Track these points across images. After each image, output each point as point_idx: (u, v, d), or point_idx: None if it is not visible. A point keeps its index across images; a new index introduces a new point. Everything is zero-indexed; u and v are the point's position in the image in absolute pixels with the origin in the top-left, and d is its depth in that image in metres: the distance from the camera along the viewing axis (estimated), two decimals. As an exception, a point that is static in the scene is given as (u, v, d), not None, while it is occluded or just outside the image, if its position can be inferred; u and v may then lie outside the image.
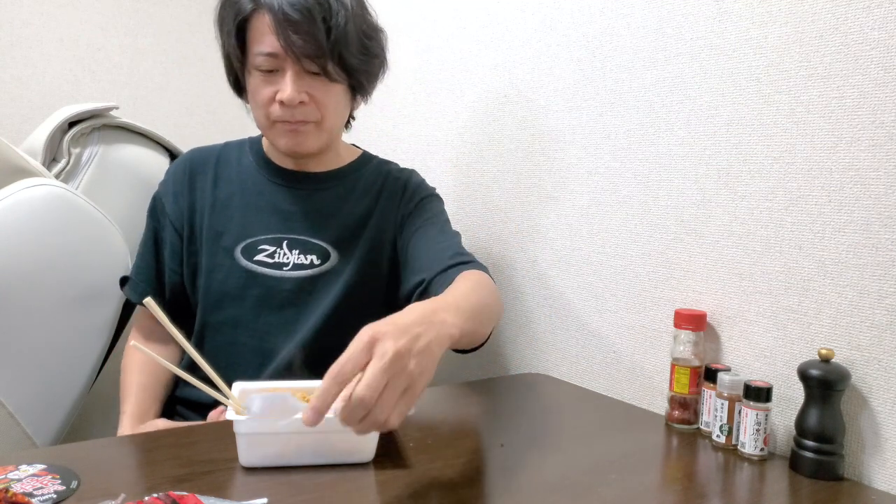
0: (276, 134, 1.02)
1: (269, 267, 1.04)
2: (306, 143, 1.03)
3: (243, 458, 0.74)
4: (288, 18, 0.93)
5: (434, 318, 0.69)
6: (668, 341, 1.01)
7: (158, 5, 2.02)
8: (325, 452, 0.75)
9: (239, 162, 1.11)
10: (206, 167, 1.11)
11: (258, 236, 1.05)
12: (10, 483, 0.66)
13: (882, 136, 0.80)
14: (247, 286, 1.04)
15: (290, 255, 1.05)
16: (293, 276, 1.04)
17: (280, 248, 1.05)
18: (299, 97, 0.97)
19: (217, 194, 1.08)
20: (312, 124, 1.01)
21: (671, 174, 1.02)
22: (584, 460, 0.82)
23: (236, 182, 1.09)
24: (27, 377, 1.07)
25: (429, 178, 1.45)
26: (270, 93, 0.99)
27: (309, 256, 1.05)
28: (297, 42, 0.94)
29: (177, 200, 1.10)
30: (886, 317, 0.80)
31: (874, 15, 0.80)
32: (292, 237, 1.05)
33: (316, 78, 0.99)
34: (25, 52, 1.83)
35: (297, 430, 0.75)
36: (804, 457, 0.81)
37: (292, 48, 0.95)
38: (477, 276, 0.93)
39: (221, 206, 1.08)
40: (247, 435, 0.74)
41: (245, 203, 1.07)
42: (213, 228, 1.07)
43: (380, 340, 0.62)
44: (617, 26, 1.09)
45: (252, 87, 1.01)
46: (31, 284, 1.05)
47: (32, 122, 1.65)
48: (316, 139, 1.03)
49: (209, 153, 1.13)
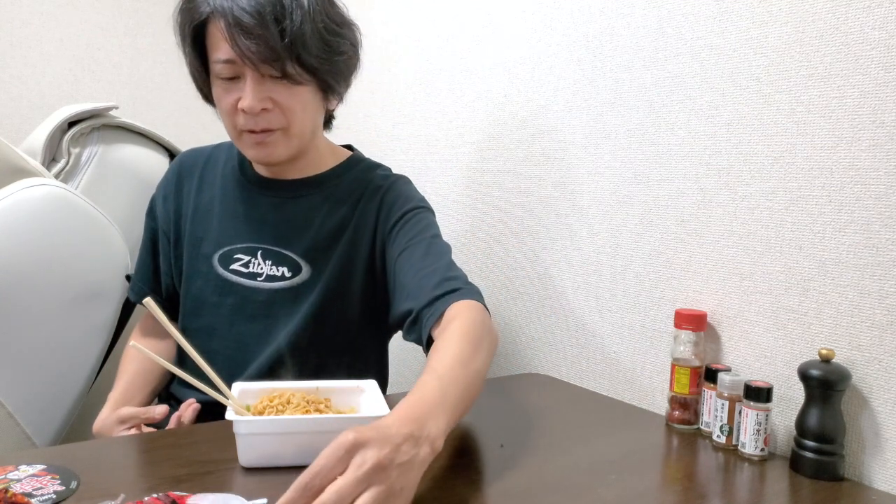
0: (243, 144, 0.99)
1: (243, 277, 1.02)
2: (275, 152, 0.98)
3: (243, 458, 0.74)
4: (239, 23, 0.88)
5: (421, 432, 0.63)
6: (668, 341, 1.01)
7: (158, 5, 2.02)
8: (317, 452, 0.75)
9: (224, 165, 1.10)
10: (194, 170, 1.10)
11: (234, 244, 1.03)
12: (10, 483, 0.66)
13: (882, 136, 0.80)
14: (222, 294, 1.02)
15: (264, 266, 1.02)
16: (266, 288, 1.01)
17: (255, 258, 1.02)
18: (261, 104, 0.92)
19: (200, 199, 1.07)
20: (279, 132, 0.96)
21: (671, 174, 1.02)
22: (584, 460, 0.82)
23: (218, 187, 1.07)
24: (27, 377, 1.07)
25: (429, 178, 1.45)
26: (233, 101, 0.94)
27: (280, 268, 1.02)
28: (251, 47, 0.89)
29: (165, 203, 1.10)
30: (887, 317, 0.79)
31: (874, 15, 0.80)
32: (265, 247, 1.02)
33: (278, 82, 0.93)
34: (25, 52, 1.83)
35: (297, 430, 0.75)
36: (804, 457, 0.80)
37: (246, 53, 0.89)
38: (467, 316, 0.83)
39: (203, 211, 1.06)
40: (246, 435, 0.74)
41: (224, 210, 1.05)
42: (194, 234, 1.06)
43: (361, 448, 0.57)
44: (617, 26, 1.09)
45: (216, 96, 0.97)
46: (31, 284, 1.05)
47: (32, 122, 1.65)
48: (285, 147, 0.98)
49: (199, 155, 1.13)
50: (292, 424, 0.76)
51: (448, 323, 0.83)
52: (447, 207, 1.40)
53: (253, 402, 0.81)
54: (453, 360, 0.76)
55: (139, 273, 1.13)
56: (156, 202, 1.12)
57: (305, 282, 1.01)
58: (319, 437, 0.75)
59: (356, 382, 0.86)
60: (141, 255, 1.13)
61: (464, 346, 0.78)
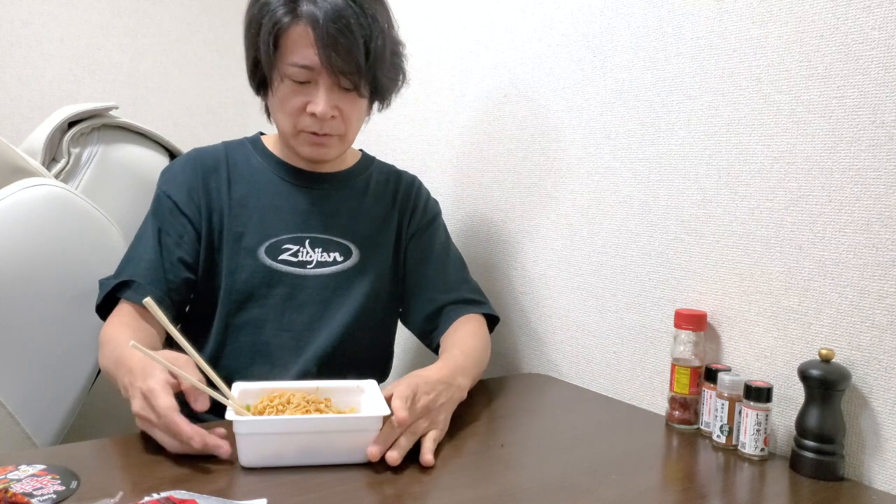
0: (300, 142, 1.04)
1: (293, 266, 1.05)
2: (329, 153, 1.06)
3: (243, 458, 0.74)
4: (330, 35, 0.94)
5: (454, 382, 0.90)
6: (668, 341, 1.01)
7: (158, 5, 2.02)
8: (326, 452, 0.75)
9: (248, 163, 1.11)
10: (218, 168, 1.09)
11: (280, 235, 1.06)
12: (10, 483, 0.66)
13: (882, 136, 0.80)
14: (271, 285, 1.05)
15: (314, 254, 1.07)
16: (317, 274, 1.06)
17: (303, 247, 1.06)
18: (331, 112, 0.99)
19: (232, 195, 1.08)
20: (336, 137, 1.04)
21: (671, 174, 1.02)
22: (584, 460, 0.82)
23: (249, 183, 1.09)
24: (27, 377, 1.07)
25: (429, 178, 1.45)
26: (300, 103, 1.00)
27: (332, 254, 1.07)
28: (338, 60, 0.96)
29: (192, 199, 1.06)
30: (887, 317, 0.80)
31: (874, 15, 0.80)
32: (314, 236, 1.07)
33: (346, 93, 1.00)
34: (25, 52, 1.83)
35: (298, 431, 0.75)
36: (804, 457, 0.80)
37: (332, 65, 0.96)
38: (478, 327, 1.09)
39: (238, 207, 1.07)
40: (247, 435, 0.74)
41: (262, 204, 1.08)
42: (232, 230, 1.06)
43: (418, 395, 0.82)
44: (617, 26, 1.09)
45: (281, 95, 1.01)
46: (31, 284, 1.05)
47: (32, 122, 1.66)
48: (337, 150, 1.07)
49: (216, 154, 1.11)
50: (293, 424, 0.76)
51: (465, 323, 1.08)
52: (447, 207, 1.40)
53: (253, 402, 0.81)
54: (471, 346, 1.02)
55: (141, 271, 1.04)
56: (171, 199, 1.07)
57: (357, 264, 1.09)
58: (320, 437, 0.75)
59: (356, 382, 0.87)
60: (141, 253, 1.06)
61: (476, 342, 1.05)
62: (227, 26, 2.14)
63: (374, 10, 0.99)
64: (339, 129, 1.03)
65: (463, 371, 0.94)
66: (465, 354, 0.99)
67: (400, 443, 0.77)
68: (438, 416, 0.84)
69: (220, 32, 2.13)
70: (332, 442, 0.76)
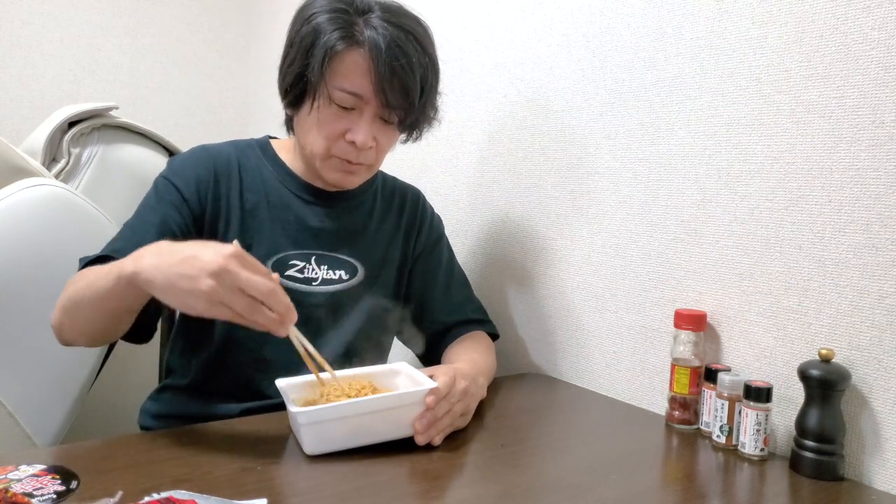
0: (329, 166, 1.01)
1: (298, 282, 1.03)
2: (355, 181, 1.04)
3: (309, 447, 0.77)
4: (390, 69, 0.92)
5: (478, 381, 0.94)
6: (668, 341, 1.01)
7: (158, 5, 2.02)
8: (380, 429, 0.80)
9: (259, 171, 1.07)
10: (230, 169, 1.05)
11: (288, 251, 1.04)
12: (10, 483, 0.66)
13: (882, 136, 0.80)
14: None
15: (319, 271, 1.04)
16: (322, 291, 1.04)
17: (309, 264, 1.04)
18: (370, 143, 0.98)
19: (244, 203, 1.04)
20: (366, 166, 1.02)
21: (671, 174, 1.02)
22: (584, 460, 0.82)
23: (261, 192, 1.05)
24: (27, 377, 1.07)
25: (428, 178, 1.46)
26: (341, 129, 0.97)
27: (337, 272, 1.06)
28: (392, 95, 0.94)
29: (199, 195, 1.02)
30: (886, 317, 0.80)
31: (874, 15, 0.80)
32: (320, 253, 1.05)
33: (386, 125, 0.99)
34: (25, 52, 1.83)
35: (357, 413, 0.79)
36: (804, 457, 0.80)
37: (385, 99, 0.94)
38: (487, 347, 1.12)
39: (249, 216, 1.04)
40: (310, 425, 0.77)
41: (272, 217, 1.05)
42: (241, 240, 0.98)
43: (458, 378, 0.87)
44: (617, 26, 1.09)
45: (322, 117, 0.97)
46: (31, 284, 1.05)
47: (32, 122, 1.66)
48: (363, 178, 1.05)
49: (226, 154, 1.07)
50: (355, 407, 0.79)
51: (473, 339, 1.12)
52: (447, 207, 1.40)
53: (303, 394, 0.85)
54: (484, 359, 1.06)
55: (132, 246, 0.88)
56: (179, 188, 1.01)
57: (362, 282, 1.07)
58: (376, 417, 0.80)
59: (388, 366, 0.92)
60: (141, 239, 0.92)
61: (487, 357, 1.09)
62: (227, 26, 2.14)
63: (430, 48, 0.98)
64: (371, 159, 1.01)
65: (482, 373, 0.98)
66: (482, 360, 1.04)
67: (442, 423, 0.83)
68: (471, 403, 0.89)
69: (220, 32, 2.13)
70: (385, 419, 0.80)
